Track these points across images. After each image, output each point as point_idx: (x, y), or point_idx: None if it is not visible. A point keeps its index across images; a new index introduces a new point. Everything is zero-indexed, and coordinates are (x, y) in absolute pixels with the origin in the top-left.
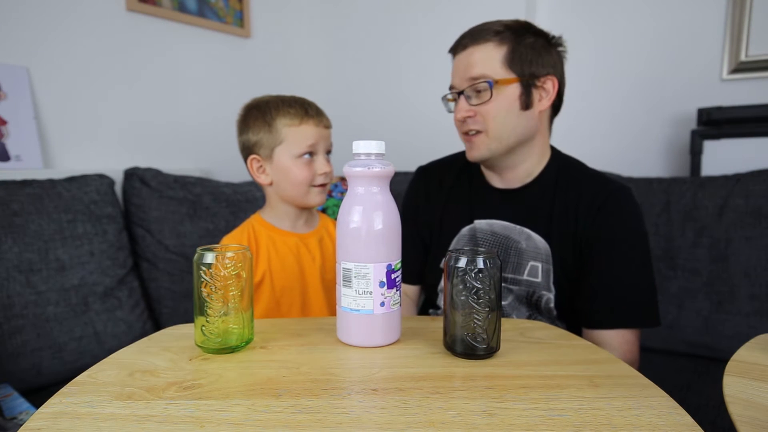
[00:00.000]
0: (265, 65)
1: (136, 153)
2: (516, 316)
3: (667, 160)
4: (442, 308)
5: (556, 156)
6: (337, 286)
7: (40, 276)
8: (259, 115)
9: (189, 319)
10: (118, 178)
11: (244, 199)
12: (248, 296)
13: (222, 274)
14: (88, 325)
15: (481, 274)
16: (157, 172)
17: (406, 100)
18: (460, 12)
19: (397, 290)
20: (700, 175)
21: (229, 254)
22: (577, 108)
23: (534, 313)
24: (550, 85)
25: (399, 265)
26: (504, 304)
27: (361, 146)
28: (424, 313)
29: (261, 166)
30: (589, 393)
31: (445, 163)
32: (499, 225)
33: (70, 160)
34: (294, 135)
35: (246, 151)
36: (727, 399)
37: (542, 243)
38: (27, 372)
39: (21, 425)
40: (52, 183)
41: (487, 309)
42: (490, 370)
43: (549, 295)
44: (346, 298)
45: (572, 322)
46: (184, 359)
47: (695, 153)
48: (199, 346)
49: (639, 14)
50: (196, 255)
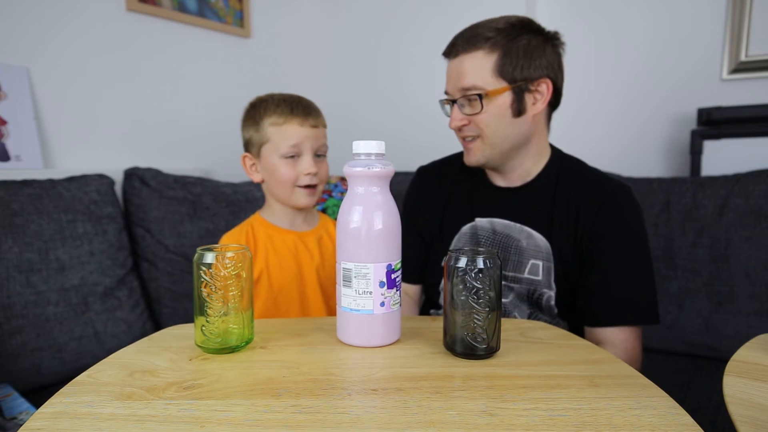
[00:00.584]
0: (265, 65)
1: (136, 153)
2: (517, 314)
3: (667, 160)
4: (443, 308)
5: (556, 155)
6: (337, 286)
7: (40, 276)
8: (250, 114)
9: (189, 319)
10: (118, 178)
11: (244, 199)
12: (248, 296)
13: (222, 274)
14: (88, 325)
15: (481, 274)
16: (157, 172)
17: (405, 99)
18: (460, 12)
19: (397, 290)
20: (700, 175)
21: (229, 254)
22: (577, 108)
23: (535, 311)
24: (545, 88)
25: (399, 265)
26: (505, 302)
27: (361, 146)
28: (426, 312)
29: (253, 164)
30: (589, 393)
31: (446, 162)
32: (500, 223)
33: (70, 160)
34: (278, 134)
35: (244, 149)
36: (727, 399)
37: (543, 241)
38: (27, 372)
39: (21, 425)
40: (52, 183)
41: (487, 309)
42: (490, 370)
43: (550, 293)
44: (346, 298)
45: (573, 320)
46: (184, 359)
47: (695, 153)
48: (199, 346)
49: (639, 14)
50: (196, 255)
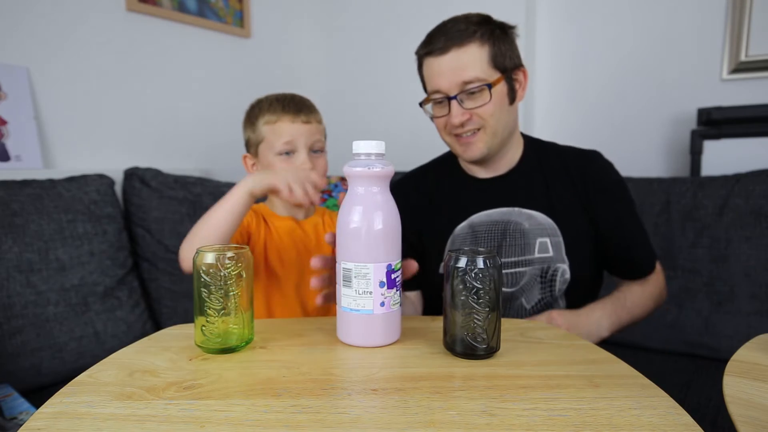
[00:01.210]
0: (265, 65)
1: (136, 153)
2: (526, 299)
3: (667, 160)
4: (443, 308)
5: (527, 139)
6: (338, 286)
7: (40, 276)
8: (248, 115)
9: (189, 319)
10: (118, 178)
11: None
12: (248, 296)
13: (222, 274)
14: (88, 325)
15: (481, 274)
16: (157, 172)
17: (405, 99)
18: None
19: (397, 290)
20: (700, 175)
21: (229, 254)
22: (576, 107)
23: (546, 295)
24: (522, 76)
25: (399, 266)
26: (514, 290)
27: (361, 146)
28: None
29: (254, 164)
30: (589, 393)
31: (414, 174)
32: (497, 212)
33: (70, 160)
34: (271, 132)
35: (245, 149)
36: (727, 399)
37: (545, 219)
38: (27, 372)
39: (21, 425)
40: (52, 183)
41: (487, 309)
42: (490, 370)
43: (564, 267)
44: (346, 298)
45: (583, 292)
46: (184, 359)
47: (695, 153)
48: (199, 346)
49: (639, 14)
50: (196, 255)
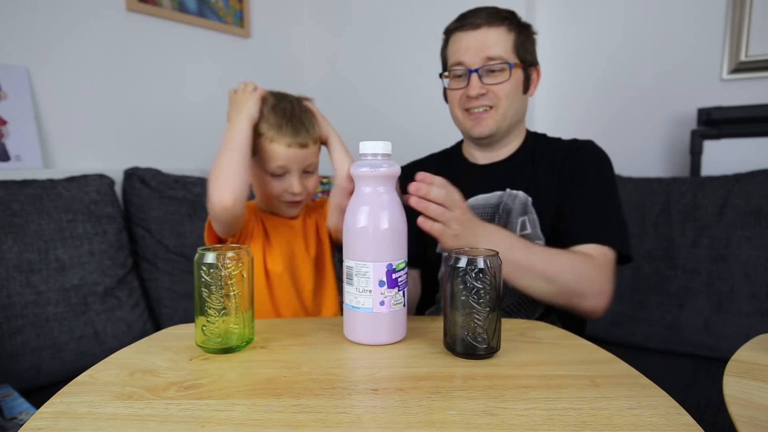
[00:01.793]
0: (265, 65)
1: (136, 153)
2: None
3: (667, 160)
4: (442, 307)
5: (530, 133)
6: (343, 283)
7: (40, 276)
8: None
9: (189, 319)
10: (118, 178)
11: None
12: (249, 296)
13: (222, 274)
14: (88, 325)
15: (481, 274)
16: (157, 172)
17: (405, 98)
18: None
19: (400, 290)
20: (700, 175)
21: (230, 254)
22: (576, 107)
23: None
24: (536, 74)
25: (402, 265)
26: None
27: (368, 147)
28: (422, 311)
29: None
30: (589, 393)
31: (420, 161)
32: (493, 196)
33: (70, 160)
34: (265, 151)
35: None
36: (727, 399)
37: (523, 196)
38: (27, 372)
39: (21, 425)
40: (52, 183)
41: (488, 309)
42: (491, 370)
43: (541, 243)
44: (348, 295)
45: None
46: (185, 359)
47: (695, 153)
48: (200, 346)
49: (639, 14)
50: (197, 255)
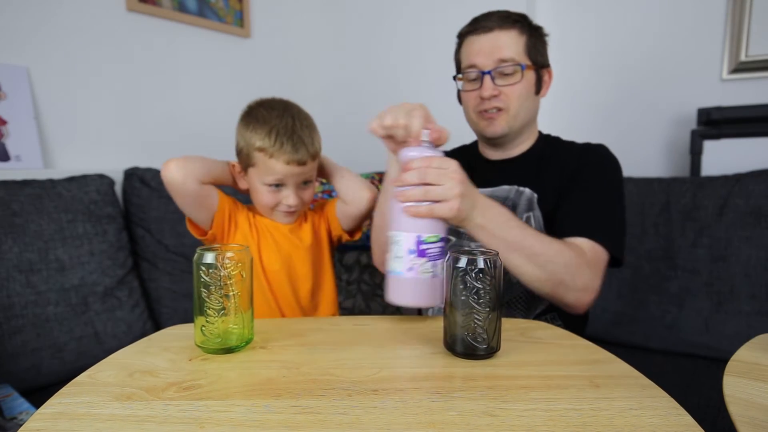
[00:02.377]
0: (265, 65)
1: (136, 153)
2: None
3: (667, 160)
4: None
5: (541, 133)
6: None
7: (40, 276)
8: (243, 126)
9: (189, 319)
10: (118, 178)
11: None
12: (248, 296)
13: (222, 274)
14: (88, 325)
15: (481, 274)
16: (157, 172)
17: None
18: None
19: (429, 260)
20: (700, 175)
21: (229, 254)
22: (576, 107)
23: None
24: (548, 76)
25: (433, 239)
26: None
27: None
28: None
29: (240, 172)
30: (589, 393)
31: (446, 150)
32: (500, 189)
33: (70, 160)
34: (263, 164)
35: (236, 154)
36: (727, 399)
37: (529, 192)
38: (27, 372)
39: (21, 425)
40: (52, 183)
41: (488, 309)
42: (491, 370)
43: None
44: (388, 261)
45: None
46: (184, 359)
47: (695, 153)
48: (199, 347)
49: (639, 14)
50: (196, 255)
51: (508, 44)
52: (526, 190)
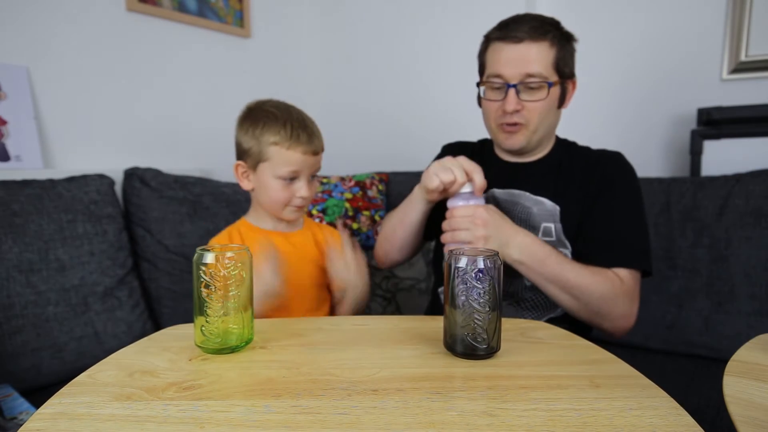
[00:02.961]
0: (265, 65)
1: (136, 153)
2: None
3: (667, 160)
4: (443, 308)
5: (559, 140)
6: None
7: (40, 276)
8: (251, 126)
9: (189, 319)
10: (118, 178)
11: (244, 199)
12: (248, 296)
13: (222, 274)
14: (88, 325)
15: (481, 274)
16: (157, 172)
17: (406, 98)
18: (459, 10)
19: None
20: (700, 175)
21: (229, 254)
22: (576, 107)
23: None
24: (572, 86)
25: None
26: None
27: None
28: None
29: (245, 172)
30: (590, 393)
31: (464, 143)
32: (511, 192)
33: (70, 160)
34: (279, 157)
35: (236, 154)
36: (727, 399)
37: (551, 204)
38: (27, 372)
39: (21, 425)
40: (52, 183)
41: (488, 309)
42: (491, 370)
43: (566, 252)
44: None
45: None
46: (184, 359)
47: (695, 153)
48: (199, 347)
49: (639, 14)
50: (196, 255)
51: (538, 59)
52: (546, 202)
